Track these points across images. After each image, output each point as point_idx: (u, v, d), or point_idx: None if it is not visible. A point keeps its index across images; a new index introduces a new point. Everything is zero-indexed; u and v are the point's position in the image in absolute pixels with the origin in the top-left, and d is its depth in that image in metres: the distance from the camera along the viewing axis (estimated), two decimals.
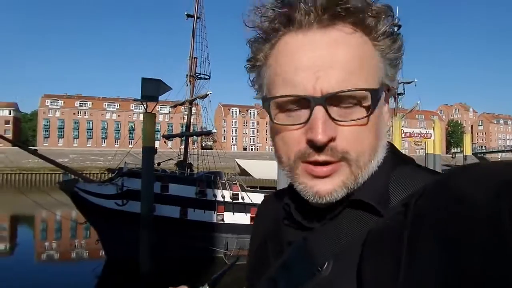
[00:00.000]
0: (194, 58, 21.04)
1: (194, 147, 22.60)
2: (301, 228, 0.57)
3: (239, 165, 20.73)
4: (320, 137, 0.49)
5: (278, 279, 0.55)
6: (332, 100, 0.50)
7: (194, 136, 23.38)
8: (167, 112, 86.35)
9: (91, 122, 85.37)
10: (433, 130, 22.16)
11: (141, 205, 14.99)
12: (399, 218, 0.42)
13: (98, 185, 16.78)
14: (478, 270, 0.32)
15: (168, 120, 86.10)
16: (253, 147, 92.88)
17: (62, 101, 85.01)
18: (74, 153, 55.70)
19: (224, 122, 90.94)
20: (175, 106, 21.81)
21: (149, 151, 15.11)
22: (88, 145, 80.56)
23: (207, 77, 21.15)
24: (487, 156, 77.39)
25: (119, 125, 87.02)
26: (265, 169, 20.93)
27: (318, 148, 0.50)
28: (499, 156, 78.87)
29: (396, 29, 0.54)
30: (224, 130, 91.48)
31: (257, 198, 18.04)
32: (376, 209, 0.50)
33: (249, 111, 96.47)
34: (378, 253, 0.43)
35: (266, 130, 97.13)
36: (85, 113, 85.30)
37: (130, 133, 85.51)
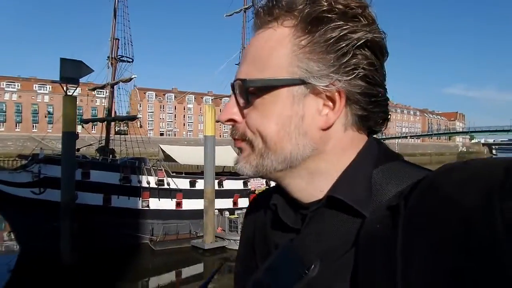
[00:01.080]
0: (116, 39, 20.05)
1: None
2: (287, 229, 0.57)
3: (163, 151, 20.54)
4: (220, 116, 0.57)
5: (265, 282, 0.56)
6: (237, 88, 0.55)
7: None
8: (76, 94, 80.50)
9: None
10: None
11: (62, 193, 14.29)
12: (389, 221, 0.43)
13: (9, 173, 15.54)
14: (473, 275, 0.33)
15: (78, 102, 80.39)
16: (170, 133, 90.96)
17: None
18: None
19: (140, 106, 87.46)
20: (94, 89, 20.72)
21: (70, 136, 14.43)
22: None
23: (130, 59, 20.35)
24: (386, 142, 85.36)
25: (21, 107, 78.94)
26: (190, 155, 21.04)
27: (231, 127, 0.58)
28: (396, 142, 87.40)
29: (327, 26, 0.51)
30: (140, 115, 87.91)
31: (183, 183, 18.20)
32: (357, 210, 0.50)
33: (166, 95, 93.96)
34: (372, 260, 0.43)
35: (184, 115, 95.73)
36: None
37: (33, 116, 78.34)
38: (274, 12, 0.54)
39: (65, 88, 14.30)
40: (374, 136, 0.59)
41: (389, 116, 0.58)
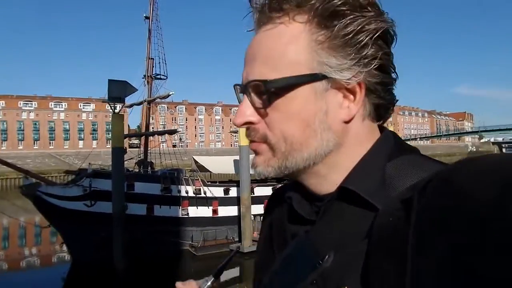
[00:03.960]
0: (151, 59, 21.27)
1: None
2: (303, 221, 0.58)
3: (196, 162, 21.54)
4: (236, 120, 0.56)
5: (281, 273, 0.58)
6: (251, 89, 0.54)
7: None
8: (91, 110, 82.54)
9: (5, 123, 78.16)
10: None
11: (113, 204, 15.25)
12: (402, 214, 0.42)
13: (61, 188, 16.55)
14: (487, 276, 0.32)
15: (92, 119, 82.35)
16: (182, 144, 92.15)
17: None
18: None
19: (152, 119, 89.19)
20: (131, 106, 21.90)
21: (119, 152, 15.44)
22: (2, 148, 73.52)
23: (164, 77, 21.58)
24: None
25: (38, 125, 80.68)
26: (222, 165, 22.04)
27: (246, 129, 0.57)
28: None
29: (345, 20, 0.51)
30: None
31: (218, 191, 19.14)
32: (370, 202, 0.50)
33: (177, 107, 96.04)
34: (383, 253, 0.43)
35: (195, 127, 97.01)
36: None
37: (50, 133, 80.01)
38: (282, 7, 0.53)
39: (113, 107, 15.39)
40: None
41: (396, 101, 0.59)
